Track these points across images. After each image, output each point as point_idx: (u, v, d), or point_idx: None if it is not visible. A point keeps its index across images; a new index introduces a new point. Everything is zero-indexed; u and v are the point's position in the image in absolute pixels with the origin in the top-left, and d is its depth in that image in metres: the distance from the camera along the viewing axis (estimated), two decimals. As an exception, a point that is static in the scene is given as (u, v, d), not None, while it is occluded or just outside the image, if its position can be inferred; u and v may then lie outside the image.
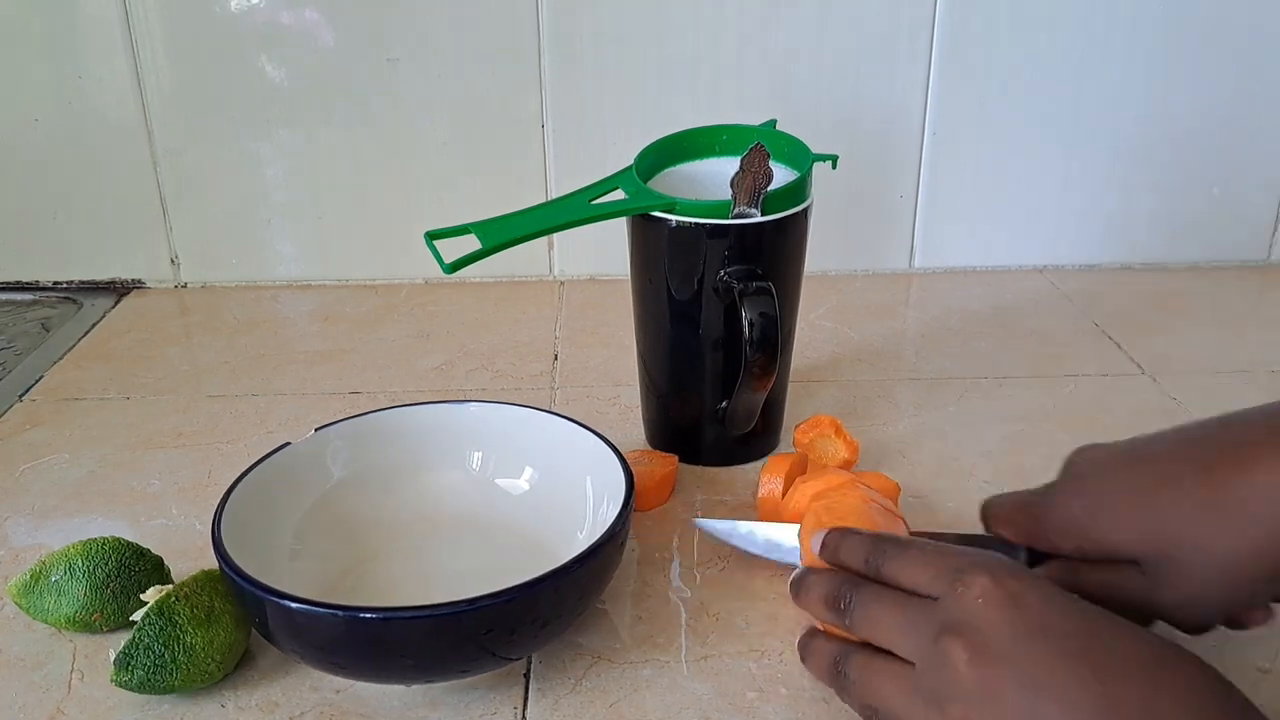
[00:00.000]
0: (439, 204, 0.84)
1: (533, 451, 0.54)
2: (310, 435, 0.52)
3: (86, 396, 0.70)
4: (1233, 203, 0.87)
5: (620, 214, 0.56)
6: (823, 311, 0.81)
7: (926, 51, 0.81)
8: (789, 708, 0.44)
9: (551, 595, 0.42)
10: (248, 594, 0.41)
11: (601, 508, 0.49)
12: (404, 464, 0.54)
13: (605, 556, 0.44)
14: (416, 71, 0.81)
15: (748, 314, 0.53)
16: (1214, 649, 0.46)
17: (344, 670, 0.43)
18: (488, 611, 0.40)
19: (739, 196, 0.55)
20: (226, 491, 0.47)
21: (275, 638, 0.43)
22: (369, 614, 0.40)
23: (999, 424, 0.66)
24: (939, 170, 0.85)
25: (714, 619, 0.49)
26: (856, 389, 0.70)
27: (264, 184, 0.84)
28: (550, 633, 0.44)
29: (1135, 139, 0.85)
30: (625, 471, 0.48)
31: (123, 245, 0.86)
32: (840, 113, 0.82)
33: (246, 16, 0.79)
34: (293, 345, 0.77)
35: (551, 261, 0.88)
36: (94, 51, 0.79)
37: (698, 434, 0.61)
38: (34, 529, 0.57)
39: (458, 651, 0.42)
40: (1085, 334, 0.78)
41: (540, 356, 0.75)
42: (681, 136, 0.61)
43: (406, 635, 0.40)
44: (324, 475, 0.52)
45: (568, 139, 0.83)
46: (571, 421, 0.53)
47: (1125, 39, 0.81)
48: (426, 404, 0.55)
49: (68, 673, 0.46)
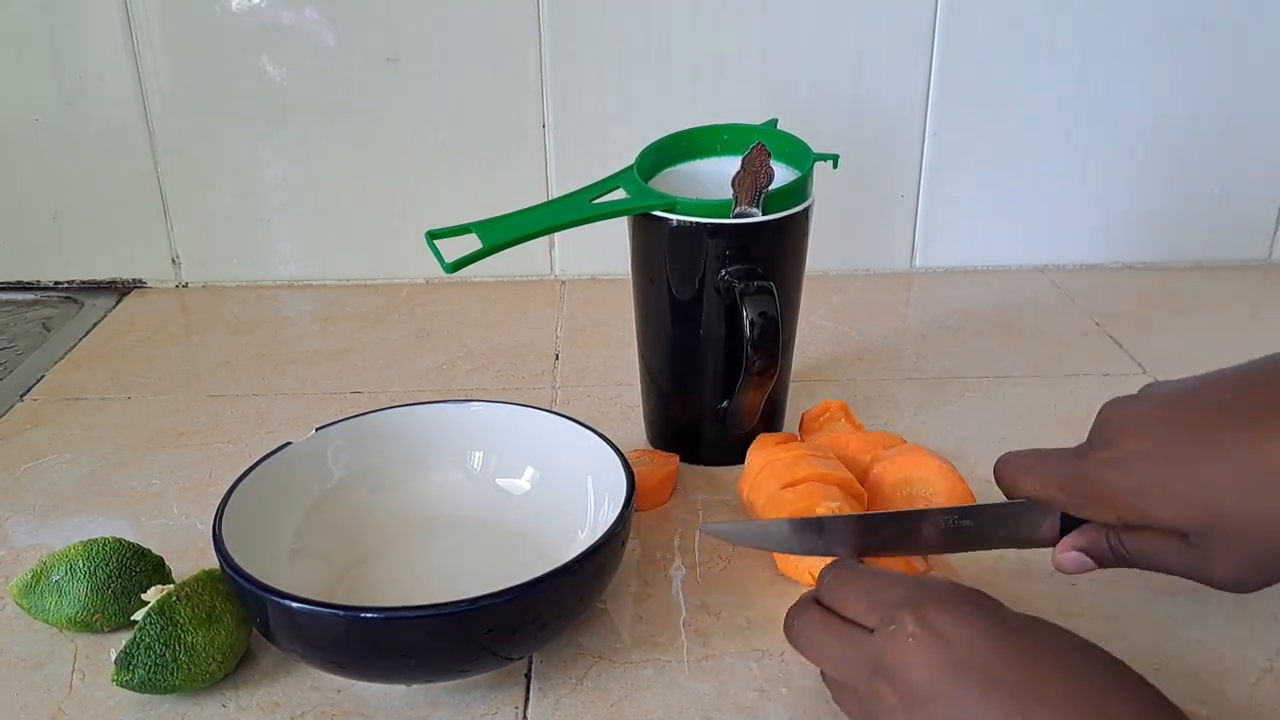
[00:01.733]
0: (439, 204, 0.84)
1: (534, 451, 0.54)
2: (311, 435, 0.52)
3: (87, 396, 0.70)
4: (1234, 202, 0.87)
5: (621, 213, 0.56)
6: (823, 311, 0.81)
7: (927, 51, 0.81)
8: (790, 707, 0.44)
9: (552, 595, 0.42)
10: (249, 593, 0.41)
11: (603, 508, 0.49)
12: (405, 464, 0.54)
13: (606, 556, 0.44)
14: (416, 71, 0.81)
15: (749, 313, 0.53)
16: (1213, 648, 0.46)
17: (345, 670, 0.43)
18: (489, 611, 0.40)
19: (740, 196, 0.55)
20: (228, 491, 0.47)
21: (276, 637, 0.43)
22: (370, 613, 0.40)
23: (999, 424, 0.66)
24: (939, 170, 0.85)
25: (715, 619, 0.49)
26: (857, 389, 0.70)
27: (264, 184, 0.84)
28: (551, 632, 0.44)
29: (1136, 138, 0.85)
30: (626, 471, 0.48)
31: (123, 245, 0.86)
32: (840, 113, 0.82)
33: (247, 16, 0.79)
34: (293, 345, 0.77)
35: (552, 261, 0.88)
36: (94, 51, 0.79)
37: (698, 433, 0.61)
38: (34, 529, 0.57)
39: (459, 651, 0.42)
40: (1086, 334, 0.78)
41: (541, 356, 0.75)
42: (682, 136, 0.61)
43: (407, 635, 0.40)
44: (325, 475, 0.52)
45: (568, 139, 0.83)
46: (573, 421, 0.53)
47: (1126, 39, 0.81)
48: (427, 404, 0.55)
49: (69, 673, 0.46)
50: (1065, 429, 0.64)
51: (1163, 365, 0.72)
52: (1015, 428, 0.65)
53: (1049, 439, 0.63)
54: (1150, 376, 0.70)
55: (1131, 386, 0.44)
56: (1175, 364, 0.72)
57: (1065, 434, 0.64)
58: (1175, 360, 0.73)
